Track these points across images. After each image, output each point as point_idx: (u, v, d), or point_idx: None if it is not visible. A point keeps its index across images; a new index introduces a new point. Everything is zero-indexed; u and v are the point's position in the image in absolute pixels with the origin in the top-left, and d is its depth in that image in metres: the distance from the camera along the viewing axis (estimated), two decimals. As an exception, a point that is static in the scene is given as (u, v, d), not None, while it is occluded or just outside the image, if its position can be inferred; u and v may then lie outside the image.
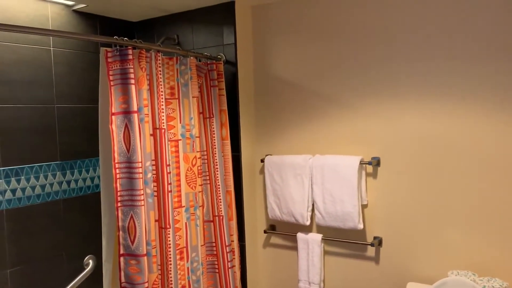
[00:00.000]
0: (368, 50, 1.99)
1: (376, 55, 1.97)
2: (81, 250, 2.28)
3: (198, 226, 1.97)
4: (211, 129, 2.11)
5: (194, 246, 1.95)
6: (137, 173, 1.64)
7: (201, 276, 1.97)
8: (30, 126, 2.05)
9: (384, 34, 1.95)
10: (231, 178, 2.18)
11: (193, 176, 1.96)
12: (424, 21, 1.85)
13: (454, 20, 1.78)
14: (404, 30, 1.90)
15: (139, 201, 1.64)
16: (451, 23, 1.79)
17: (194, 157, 1.97)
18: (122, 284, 1.64)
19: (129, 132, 1.64)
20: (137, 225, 1.63)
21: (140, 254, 1.63)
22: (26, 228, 2.03)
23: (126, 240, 1.64)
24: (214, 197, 2.12)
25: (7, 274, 1.96)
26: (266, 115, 2.33)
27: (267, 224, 2.38)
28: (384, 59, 1.95)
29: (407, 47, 1.89)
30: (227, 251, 2.11)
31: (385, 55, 1.95)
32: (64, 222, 2.20)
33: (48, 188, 2.12)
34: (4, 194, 1.95)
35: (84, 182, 2.30)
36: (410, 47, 1.89)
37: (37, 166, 2.08)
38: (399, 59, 1.92)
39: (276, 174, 2.20)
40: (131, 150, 1.64)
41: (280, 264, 2.33)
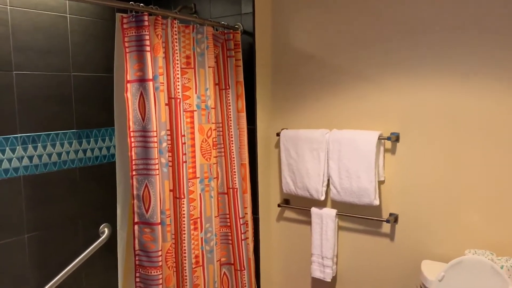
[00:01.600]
0: (389, 23, 1.91)
1: (396, 29, 1.90)
2: (97, 218, 2.31)
3: (212, 198, 1.97)
4: (227, 101, 2.08)
5: (208, 217, 1.96)
6: (152, 142, 1.62)
7: (214, 246, 1.98)
8: (47, 94, 2.05)
9: (405, 6, 1.86)
10: (246, 151, 2.15)
11: (208, 148, 1.94)
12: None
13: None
14: (425, 0, 1.81)
15: (153, 170, 1.63)
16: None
17: (209, 129, 1.95)
18: (136, 252, 1.66)
19: (144, 100, 1.62)
20: (151, 194, 1.63)
21: (155, 223, 1.63)
22: (42, 195, 2.06)
23: (141, 209, 1.64)
24: (228, 169, 2.10)
25: (25, 239, 2.00)
26: (283, 88, 2.28)
27: (281, 198, 2.36)
28: (405, 32, 1.88)
29: (428, 18, 1.81)
30: (241, 223, 2.11)
31: (406, 28, 1.87)
32: (80, 190, 2.22)
33: (64, 156, 2.14)
34: (21, 161, 1.97)
35: (100, 151, 2.31)
36: (431, 18, 1.81)
37: (54, 134, 2.09)
38: (420, 31, 1.84)
39: (291, 148, 2.17)
40: (146, 119, 1.62)
41: (294, 238, 2.33)
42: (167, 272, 1.73)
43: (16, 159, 1.95)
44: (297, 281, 2.33)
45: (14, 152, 1.94)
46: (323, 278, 2.12)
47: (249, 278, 2.14)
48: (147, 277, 1.65)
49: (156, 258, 1.64)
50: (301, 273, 2.31)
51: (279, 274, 2.40)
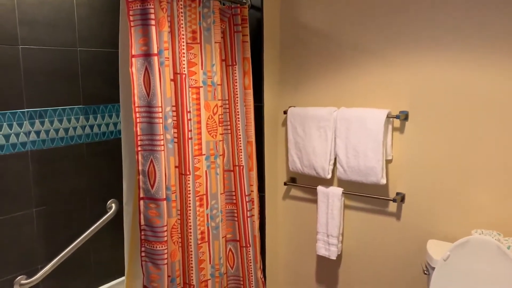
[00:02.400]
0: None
1: (407, 2, 1.84)
2: (104, 194, 2.33)
3: (218, 175, 1.97)
4: (233, 78, 2.05)
5: (214, 193, 1.96)
6: (157, 118, 1.61)
7: (220, 223, 1.99)
8: (53, 69, 2.04)
9: (422, -22, 1.80)
10: (252, 129, 2.14)
11: (214, 125, 1.93)
12: (468, -36, 1.69)
13: (501, -37, 1.63)
14: (444, -27, 1.75)
15: (158, 146, 1.63)
16: (498, -35, 1.63)
17: (216, 106, 1.93)
18: (141, 226, 1.67)
19: (149, 75, 1.60)
20: (156, 170, 1.63)
21: (160, 198, 1.64)
22: (50, 170, 2.07)
23: (146, 184, 1.65)
24: (235, 147, 2.09)
25: (33, 212, 2.03)
26: (291, 65, 2.24)
27: (288, 176, 2.35)
28: (416, 6, 1.82)
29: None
30: (247, 201, 2.11)
31: (417, 1, 1.81)
32: (87, 166, 2.23)
33: (71, 131, 2.14)
34: (29, 136, 1.98)
35: (107, 127, 2.31)
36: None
37: (61, 109, 2.09)
38: (431, 5, 1.78)
39: (298, 126, 2.15)
40: (151, 94, 1.61)
41: (299, 216, 2.33)
42: (172, 247, 1.75)
43: (24, 134, 1.96)
44: (303, 258, 2.34)
45: (21, 127, 1.95)
46: (328, 256, 2.12)
47: (254, 255, 2.15)
48: (153, 251, 1.66)
49: (161, 233, 1.65)
50: (307, 251, 2.32)
51: (285, 251, 2.41)
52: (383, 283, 2.08)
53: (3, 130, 1.88)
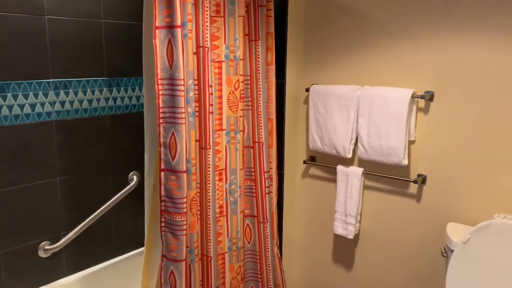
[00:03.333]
0: (435, -29, 1.79)
1: (443, -23, 1.77)
2: (126, 166, 2.37)
3: (238, 150, 1.97)
4: (256, 53, 2.03)
5: (233, 169, 1.97)
6: (179, 90, 1.62)
7: (238, 198, 2.01)
8: (78, 40, 2.06)
9: (456, -48, 1.73)
10: (273, 106, 2.13)
11: (235, 100, 1.93)
12: None
13: None
14: None
15: (180, 119, 1.63)
16: None
17: (237, 81, 1.92)
18: (161, 197, 1.70)
19: (172, 47, 1.60)
20: (177, 142, 1.65)
21: (180, 171, 1.66)
22: (74, 140, 2.12)
23: (167, 156, 1.67)
24: (255, 123, 2.09)
25: (57, 181, 2.08)
26: (315, 41, 2.21)
27: (307, 155, 2.35)
28: (452, -18, 1.75)
29: (481, -32, 1.68)
30: (265, 177, 2.12)
31: (454, -23, 1.75)
32: (110, 137, 2.27)
33: (95, 103, 2.17)
34: (54, 106, 2.01)
35: (130, 100, 2.33)
36: (484, -32, 1.67)
37: (85, 80, 2.12)
38: (469, -18, 1.71)
39: (320, 104, 2.13)
40: (174, 67, 1.61)
41: (318, 195, 2.33)
42: (191, 219, 1.77)
43: (49, 103, 1.99)
44: (319, 237, 2.35)
45: (46, 97, 1.98)
46: (345, 235, 2.13)
47: (271, 231, 2.17)
48: (172, 222, 1.69)
49: (181, 205, 1.68)
50: (323, 230, 2.32)
51: (301, 229, 2.42)
52: (400, 264, 2.08)
53: (29, 99, 1.92)
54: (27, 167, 1.96)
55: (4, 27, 1.81)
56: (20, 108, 1.90)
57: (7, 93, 1.85)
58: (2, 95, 1.84)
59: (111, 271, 2.34)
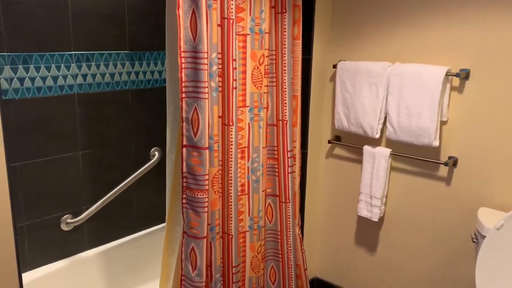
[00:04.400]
0: None
1: None
2: (148, 141, 2.35)
3: (261, 128, 1.92)
4: (282, 26, 1.95)
5: (256, 147, 1.92)
6: (202, 64, 1.56)
7: (260, 177, 1.96)
8: (100, 12, 2.02)
9: None
10: (299, 83, 2.05)
11: (260, 76, 1.86)
12: None
13: None
14: None
15: (203, 93, 1.58)
16: None
17: (262, 55, 1.85)
18: (183, 174, 1.66)
19: (196, 18, 1.54)
20: (200, 118, 1.60)
21: (202, 147, 1.62)
22: (96, 114, 2.10)
23: (189, 132, 1.62)
24: (279, 100, 2.02)
25: (79, 155, 2.07)
26: (343, 15, 2.11)
27: (332, 134, 2.27)
28: (496, -50, 1.63)
29: None
30: (288, 156, 2.06)
31: None
32: (132, 112, 2.24)
33: (117, 76, 2.14)
34: (76, 79, 1.99)
35: (152, 75, 2.29)
36: None
37: (107, 53, 2.08)
38: (516, -50, 1.58)
39: (348, 81, 2.04)
40: (197, 39, 1.55)
41: (342, 176, 2.26)
42: (213, 196, 1.74)
43: (71, 76, 1.97)
44: (342, 218, 2.30)
45: (68, 70, 1.96)
46: (370, 217, 2.07)
47: (293, 211, 2.12)
48: (193, 199, 1.66)
49: (202, 182, 1.64)
50: (347, 211, 2.27)
51: (324, 210, 2.37)
52: (426, 248, 2.01)
53: (51, 72, 1.90)
54: (49, 141, 1.95)
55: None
56: (42, 80, 1.88)
57: (29, 65, 1.83)
58: (24, 66, 1.82)
59: (132, 246, 2.35)
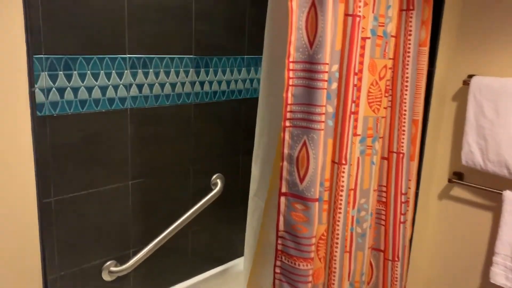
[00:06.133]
0: None
1: None
2: (209, 166, 1.88)
3: (374, 165, 1.42)
4: (407, 28, 1.44)
5: (365, 190, 1.42)
6: (319, 80, 1.08)
7: (368, 229, 1.46)
8: (162, 5, 1.56)
9: None
10: (421, 103, 1.55)
11: (378, 94, 1.36)
12: None
13: None
14: None
15: (317, 122, 1.10)
16: None
17: (384, 67, 1.35)
18: (279, 233, 1.18)
19: (317, 15, 1.05)
20: (311, 157, 1.11)
21: (311, 198, 1.13)
22: (151, 134, 1.65)
23: (293, 176, 1.14)
24: (395, 126, 1.51)
25: (129, 186, 1.63)
26: (477, 16, 1.58)
27: (451, 170, 1.75)
28: None
29: None
30: (402, 201, 1.55)
31: None
32: (193, 132, 1.78)
33: (178, 88, 1.68)
34: (129, 90, 1.54)
35: (219, 86, 1.82)
36: None
37: (168, 58, 1.63)
38: None
39: (488, 104, 1.52)
40: (316, 44, 1.06)
41: (463, 226, 1.73)
42: (318, 265, 1.25)
43: (124, 86, 1.52)
44: (462, 283, 1.75)
45: (121, 78, 1.51)
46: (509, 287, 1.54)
47: (402, 272, 1.61)
48: (293, 270, 1.18)
49: (307, 247, 1.16)
50: (470, 275, 1.72)
51: (437, 269, 1.83)
52: None
53: (99, 81, 1.45)
54: (93, 169, 1.51)
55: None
56: (87, 91, 1.43)
57: (72, 71, 1.39)
58: (66, 73, 1.38)
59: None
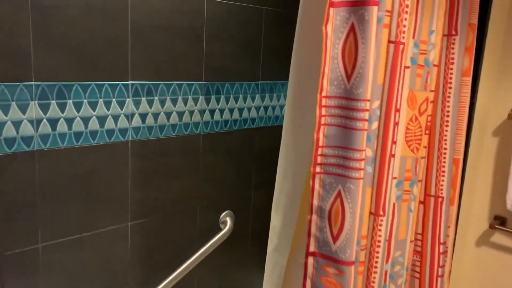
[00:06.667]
0: None
1: None
2: (218, 203, 1.70)
3: (412, 212, 1.23)
4: (448, 56, 1.26)
5: (401, 241, 1.22)
6: (359, 119, 0.90)
7: (403, 285, 1.26)
8: (169, 23, 1.40)
9: None
10: (463, 140, 1.36)
11: (418, 131, 1.18)
12: None
13: None
14: None
15: (356, 170, 0.91)
16: None
17: (425, 100, 1.17)
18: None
19: (357, 41, 0.88)
20: (347, 211, 0.92)
21: (347, 261, 0.93)
22: (154, 168, 1.46)
23: (324, 233, 0.95)
24: (433, 166, 1.32)
25: (128, 227, 1.44)
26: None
27: (491, 213, 1.55)
28: None
29: None
30: (440, 252, 1.35)
31: None
32: (202, 164, 1.59)
33: (186, 117, 1.50)
34: (131, 120, 1.36)
35: (231, 114, 1.64)
36: None
37: (176, 84, 1.45)
38: None
39: (539, 142, 1.33)
40: (356, 77, 0.88)
41: (506, 278, 1.52)
42: (351, 339, 1.05)
43: (125, 116, 1.34)
44: None
45: (122, 107, 1.33)
46: None
47: (439, 333, 1.40)
48: None
49: (340, 319, 0.96)
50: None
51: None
52: None
53: (97, 110, 1.28)
54: (88, 209, 1.32)
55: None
56: (83, 122, 1.26)
57: (66, 100, 1.22)
58: (59, 102, 1.20)
59: None
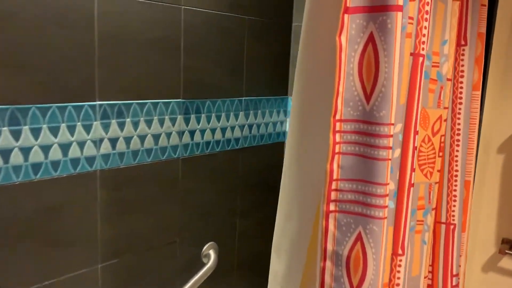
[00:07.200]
0: None
1: None
2: (200, 234, 1.51)
3: (426, 244, 1.09)
4: (458, 68, 1.15)
5: (414, 277, 1.08)
6: (382, 147, 0.75)
7: (416, 329, 1.11)
8: (142, 35, 1.22)
9: None
10: (473, 160, 1.24)
11: (431, 154, 1.05)
12: None
13: None
14: None
15: (380, 208, 0.76)
16: None
17: (439, 118, 1.04)
18: None
19: (377, 53, 0.73)
20: (369, 257, 0.77)
21: (369, 318, 0.78)
22: (127, 200, 1.27)
23: (341, 283, 0.79)
24: (443, 190, 1.19)
25: (98, 270, 1.23)
26: (532, 52, 1.32)
27: (498, 236, 1.44)
28: None
29: None
30: (453, 285, 1.22)
31: None
32: (181, 192, 1.41)
33: (163, 140, 1.32)
34: (99, 146, 1.17)
35: (213, 135, 1.47)
36: None
37: (150, 103, 1.27)
38: None
39: (553, 160, 1.23)
40: (377, 97, 0.74)
41: (518, 307, 1.41)
42: None
43: (92, 142, 1.15)
44: None
45: (89, 131, 1.14)
46: None
47: None
48: None
49: None
50: None
51: None
52: None
53: (59, 136, 1.08)
54: (51, 253, 1.12)
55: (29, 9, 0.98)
56: (43, 152, 1.06)
57: (21, 126, 1.01)
58: (13, 129, 1.00)
59: None
